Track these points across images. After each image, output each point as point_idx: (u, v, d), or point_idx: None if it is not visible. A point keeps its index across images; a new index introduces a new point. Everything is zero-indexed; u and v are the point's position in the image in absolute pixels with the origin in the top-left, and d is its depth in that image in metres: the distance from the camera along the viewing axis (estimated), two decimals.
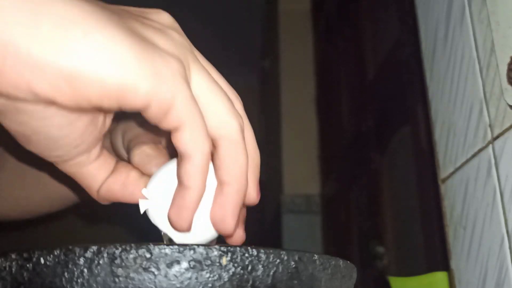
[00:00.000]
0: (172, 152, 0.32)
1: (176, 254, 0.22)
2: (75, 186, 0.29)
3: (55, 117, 0.22)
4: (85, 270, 0.22)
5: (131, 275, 0.22)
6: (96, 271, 0.22)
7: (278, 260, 0.23)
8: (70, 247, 0.23)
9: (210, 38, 3.18)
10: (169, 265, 0.22)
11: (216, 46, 3.27)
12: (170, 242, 0.29)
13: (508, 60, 0.39)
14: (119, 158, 0.34)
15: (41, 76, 0.19)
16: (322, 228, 1.81)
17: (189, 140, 0.24)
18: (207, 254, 0.22)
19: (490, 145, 0.42)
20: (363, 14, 1.37)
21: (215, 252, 0.22)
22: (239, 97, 0.30)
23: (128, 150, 0.33)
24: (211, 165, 0.26)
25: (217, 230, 0.27)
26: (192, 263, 0.22)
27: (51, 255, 0.23)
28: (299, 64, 2.05)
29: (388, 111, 1.16)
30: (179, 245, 0.22)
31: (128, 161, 0.32)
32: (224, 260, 0.22)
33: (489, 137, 0.42)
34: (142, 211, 0.30)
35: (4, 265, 0.23)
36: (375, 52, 1.28)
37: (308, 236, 1.78)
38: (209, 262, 0.22)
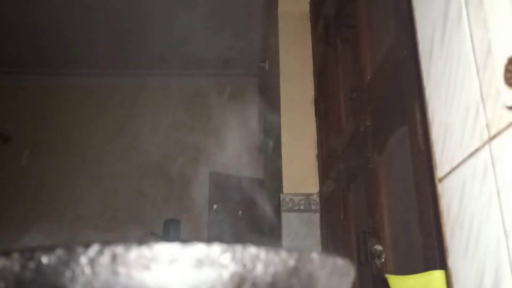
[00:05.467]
0: None
1: (177, 252, 0.22)
2: None
3: None
4: (87, 268, 0.22)
5: (133, 273, 0.22)
6: (97, 270, 0.22)
7: (278, 259, 0.23)
8: (72, 246, 0.23)
9: (211, 40, 3.19)
10: (170, 263, 0.22)
11: (217, 48, 3.28)
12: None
13: (505, 61, 0.39)
14: None
15: None
16: (321, 227, 1.81)
17: None
18: (208, 252, 0.22)
19: (487, 145, 0.42)
20: (360, 16, 1.38)
21: (216, 250, 0.23)
22: None
23: None
24: None
25: None
26: (193, 261, 0.22)
27: (53, 254, 0.23)
28: (298, 66, 2.05)
29: (385, 112, 1.16)
30: (180, 243, 0.22)
31: None
32: (224, 258, 0.23)
33: (485, 137, 0.42)
34: None
35: (6, 264, 0.23)
36: (373, 53, 1.28)
37: (307, 234, 1.79)
38: (209, 260, 0.22)
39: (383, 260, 1.08)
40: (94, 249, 0.22)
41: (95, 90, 3.59)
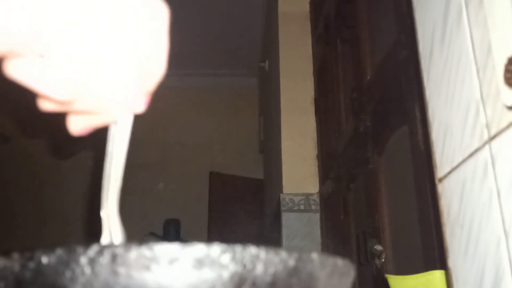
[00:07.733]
0: None
1: (177, 253, 0.22)
2: None
3: None
4: (87, 269, 0.22)
5: (133, 273, 0.22)
6: (97, 270, 0.22)
7: (278, 259, 0.23)
8: (72, 246, 0.23)
9: (211, 40, 3.19)
10: (170, 263, 0.22)
11: (217, 48, 3.28)
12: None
13: (505, 61, 0.39)
14: None
15: None
16: (321, 227, 1.81)
17: None
18: (207, 252, 0.22)
19: (487, 145, 0.42)
20: (360, 16, 1.38)
21: (215, 251, 0.23)
22: None
23: None
24: None
25: None
26: (193, 262, 0.22)
27: (53, 254, 0.23)
28: (298, 66, 2.05)
29: (385, 112, 1.16)
30: (180, 243, 0.22)
31: None
32: (224, 259, 0.23)
33: (485, 137, 0.42)
34: None
35: (6, 264, 0.23)
36: (373, 53, 1.28)
37: (307, 234, 1.79)
38: (209, 260, 0.22)
39: (383, 260, 1.08)
40: (94, 249, 0.22)
41: None
